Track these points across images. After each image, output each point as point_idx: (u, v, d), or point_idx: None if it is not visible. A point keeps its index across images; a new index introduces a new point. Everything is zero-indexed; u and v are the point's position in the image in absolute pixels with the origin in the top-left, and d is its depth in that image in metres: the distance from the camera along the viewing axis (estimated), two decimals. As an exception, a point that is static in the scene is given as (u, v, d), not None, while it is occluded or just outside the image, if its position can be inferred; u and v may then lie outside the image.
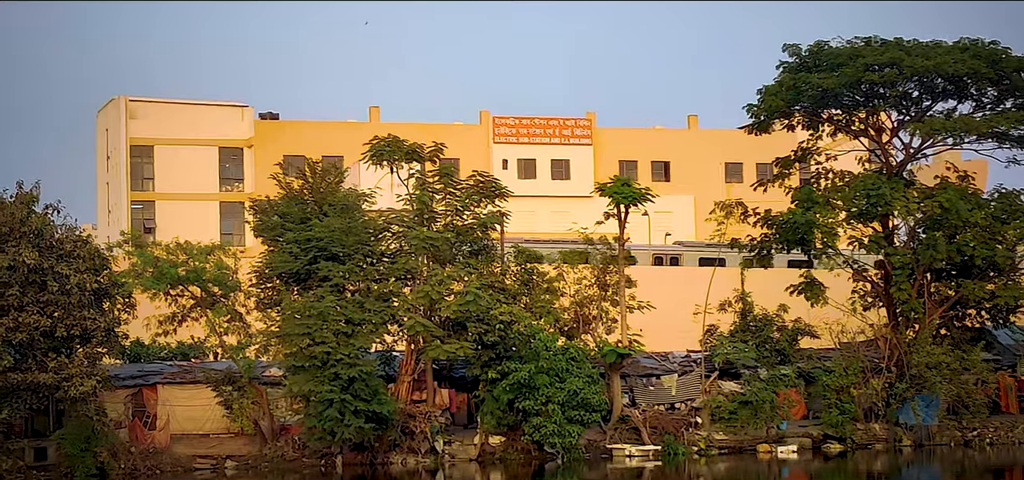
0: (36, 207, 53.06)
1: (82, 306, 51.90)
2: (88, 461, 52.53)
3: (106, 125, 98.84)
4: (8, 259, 50.47)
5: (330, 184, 58.51)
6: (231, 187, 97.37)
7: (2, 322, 50.43)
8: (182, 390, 57.76)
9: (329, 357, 52.60)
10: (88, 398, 51.53)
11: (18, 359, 51.44)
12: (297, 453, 55.64)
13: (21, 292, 50.80)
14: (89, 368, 51.80)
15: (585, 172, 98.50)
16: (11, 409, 51.37)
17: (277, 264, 56.17)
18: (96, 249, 54.51)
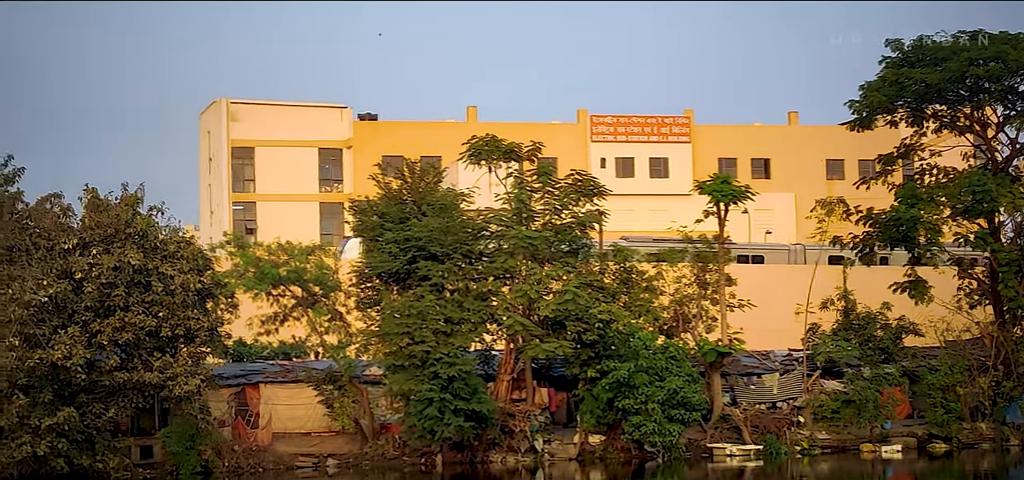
0: (141, 209, 53.92)
1: (186, 306, 52.54)
2: (193, 459, 53.23)
3: (208, 127, 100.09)
4: (114, 260, 51.26)
5: (429, 184, 58.71)
6: (331, 188, 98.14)
7: (108, 322, 51.22)
8: (284, 389, 58.28)
9: (429, 356, 52.79)
10: (192, 397, 52.20)
11: (124, 359, 52.24)
12: (397, 451, 55.90)
13: (127, 292, 51.56)
14: (193, 367, 52.43)
15: (684, 170, 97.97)
16: (118, 408, 52.19)
17: (376, 264, 56.46)
18: (199, 250, 55.18)
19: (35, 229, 52.33)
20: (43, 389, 49.82)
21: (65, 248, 51.68)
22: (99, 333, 51.16)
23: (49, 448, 49.58)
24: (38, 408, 49.62)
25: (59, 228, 52.44)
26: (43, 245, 51.71)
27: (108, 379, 51.58)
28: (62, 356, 49.41)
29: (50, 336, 49.94)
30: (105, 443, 52.38)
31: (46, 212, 53.06)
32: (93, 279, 51.15)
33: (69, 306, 50.95)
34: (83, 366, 50.12)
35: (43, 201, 53.56)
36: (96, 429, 51.74)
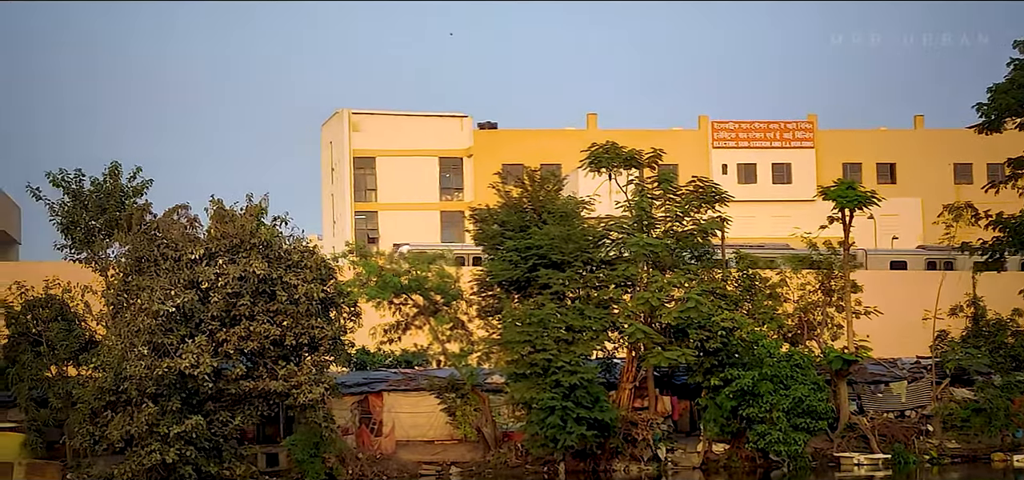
0: (265, 219, 54.52)
1: (310, 315, 52.98)
2: (317, 467, 53.65)
3: (330, 138, 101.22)
4: (239, 270, 51.87)
5: (549, 192, 58.66)
6: (451, 196, 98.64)
7: (234, 331, 51.85)
8: (406, 397, 58.56)
9: (550, 364, 52.70)
10: (317, 405, 52.57)
11: (250, 367, 52.84)
12: (520, 460, 55.86)
13: (252, 302, 52.15)
14: (317, 376, 52.79)
15: (807, 176, 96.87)
16: (244, 416, 52.79)
17: (497, 272, 56.53)
18: (322, 259, 55.64)
19: (163, 240, 53.16)
20: (172, 397, 50.58)
21: (192, 258, 52.42)
22: (225, 342, 51.81)
23: (178, 456, 50.30)
24: (167, 416, 50.39)
25: (186, 239, 53.19)
26: (171, 256, 52.51)
27: (234, 387, 52.19)
28: (190, 365, 50.09)
29: (178, 345, 50.67)
30: (232, 451, 53.00)
31: (174, 223, 53.88)
32: (219, 289, 51.81)
33: (196, 315, 51.67)
34: (210, 375, 50.77)
35: (170, 212, 54.39)
36: (223, 437, 52.37)
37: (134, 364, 49.91)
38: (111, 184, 55.86)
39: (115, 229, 55.08)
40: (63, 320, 54.60)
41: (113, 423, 50.96)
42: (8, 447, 54.14)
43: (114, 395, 51.22)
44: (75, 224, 55.75)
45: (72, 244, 56.23)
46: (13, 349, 54.90)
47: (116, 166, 56.16)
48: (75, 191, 55.82)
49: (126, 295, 52.69)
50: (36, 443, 53.98)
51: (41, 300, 55.06)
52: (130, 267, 53.22)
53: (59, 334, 53.97)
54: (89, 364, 53.63)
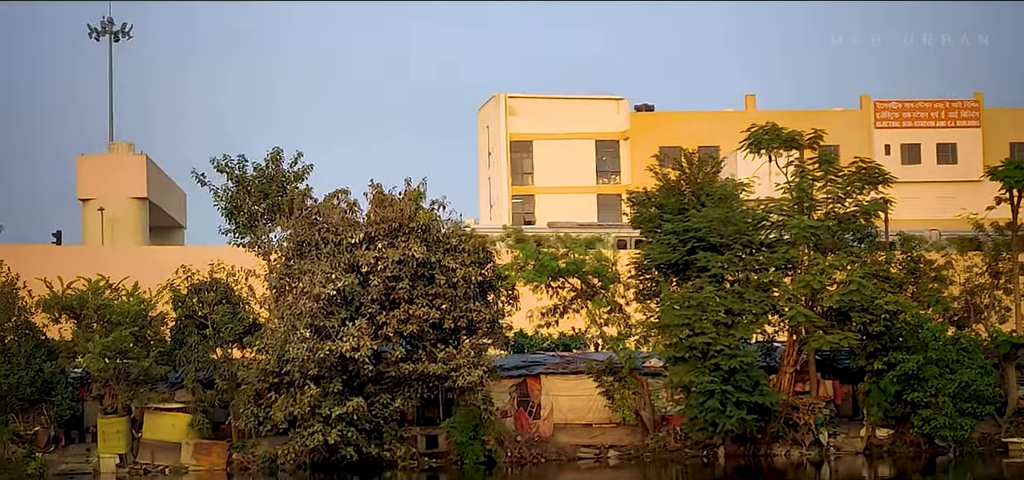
0: (423, 203, 54.94)
1: (468, 298, 53.30)
2: (476, 449, 53.99)
3: (487, 122, 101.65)
4: (398, 253, 52.35)
5: (707, 174, 58.10)
6: (608, 179, 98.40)
7: (393, 314, 52.36)
8: (564, 380, 58.52)
9: (709, 348, 52.23)
10: (475, 388, 52.96)
11: (409, 350, 53.34)
12: (679, 444, 55.49)
13: (411, 285, 52.60)
14: (476, 359, 53.11)
15: (973, 155, 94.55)
16: (404, 398, 53.34)
17: (655, 255, 56.18)
18: (480, 243, 55.86)
19: (324, 224, 53.90)
20: (333, 379, 51.30)
21: (352, 242, 53.02)
22: (385, 325, 52.35)
23: (339, 437, 51.06)
24: (328, 398, 51.14)
25: (346, 223, 53.82)
26: (331, 240, 53.19)
27: (394, 370, 52.74)
28: (351, 347, 50.76)
29: (339, 328, 51.36)
30: (392, 432, 53.65)
31: (334, 208, 54.58)
32: (379, 272, 52.34)
33: (356, 299, 52.28)
34: (370, 357, 51.37)
35: (331, 197, 55.11)
36: (383, 419, 53.01)
37: (296, 346, 50.74)
38: (273, 169, 56.77)
39: (277, 214, 56.00)
40: (228, 303, 55.70)
41: (276, 404, 51.92)
42: (176, 427, 55.45)
43: (277, 377, 52.16)
44: (239, 209, 56.79)
45: (236, 229, 57.34)
46: (180, 331, 56.20)
47: (278, 152, 57.07)
48: (238, 177, 56.85)
49: (288, 279, 53.59)
50: (203, 423, 55.20)
51: (206, 284, 56.25)
52: (292, 251, 54.08)
53: (224, 317, 55.08)
54: (253, 346, 54.73)
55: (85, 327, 56.01)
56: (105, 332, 54.83)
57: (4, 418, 55.47)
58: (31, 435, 55.74)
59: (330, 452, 51.99)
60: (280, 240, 55.22)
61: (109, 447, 55.16)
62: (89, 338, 54.74)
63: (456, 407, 55.14)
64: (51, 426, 56.42)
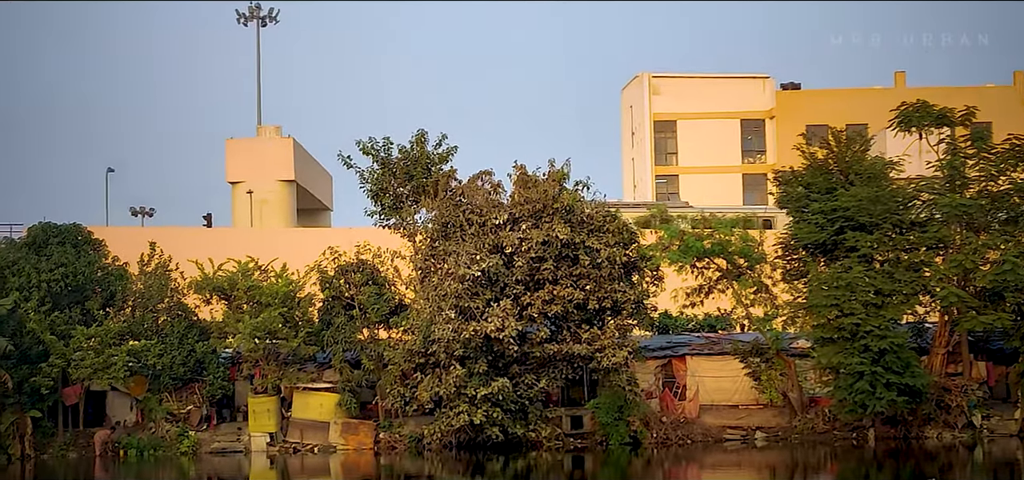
0: (567, 184, 54.88)
1: (612, 279, 53.19)
2: (621, 429, 53.91)
3: (630, 102, 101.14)
4: (542, 234, 52.38)
5: (855, 152, 57.07)
6: (753, 159, 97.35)
7: (538, 295, 52.44)
8: (710, 361, 58.14)
9: (858, 329, 51.39)
10: (620, 369, 52.86)
11: (553, 331, 53.40)
12: (827, 426, 54.78)
13: (555, 266, 52.64)
14: (620, 339, 53.04)
15: None
16: (548, 379, 53.46)
17: (802, 235, 55.41)
18: (624, 224, 55.67)
19: (468, 205, 54.17)
20: (478, 360, 51.57)
21: (496, 223, 53.18)
22: (529, 306, 52.46)
23: (485, 417, 51.36)
24: (474, 378, 51.43)
25: (490, 204, 54.01)
26: (476, 221, 53.41)
27: (539, 351, 52.85)
28: (495, 328, 50.98)
29: (483, 309, 51.59)
30: (537, 413, 53.80)
31: (478, 189, 54.79)
32: (523, 253, 52.44)
33: (501, 280, 52.44)
34: (515, 338, 51.55)
35: (475, 178, 55.33)
36: (528, 399, 53.17)
37: (442, 327, 51.09)
38: (418, 151, 57.11)
39: (422, 195, 56.37)
40: (374, 284, 56.27)
41: (422, 384, 52.37)
42: (325, 406, 56.21)
43: (423, 357, 52.59)
44: (384, 191, 57.26)
45: (381, 210, 57.83)
46: (327, 312, 56.92)
47: (422, 134, 57.41)
48: (384, 159, 57.29)
49: (433, 260, 53.99)
50: (350, 403, 55.86)
51: (353, 265, 56.89)
52: (437, 232, 54.43)
53: (370, 298, 55.65)
54: (399, 327, 55.22)
55: (235, 308, 57.04)
56: (255, 313, 55.77)
57: (158, 397, 56.77)
58: (184, 414, 56.98)
59: (476, 432, 52.35)
60: (425, 221, 55.60)
61: (260, 426, 56.15)
62: (239, 319, 55.73)
63: (601, 388, 55.12)
64: (203, 405, 57.62)
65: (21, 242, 59.63)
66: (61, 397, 55.88)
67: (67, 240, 58.12)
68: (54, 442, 55.77)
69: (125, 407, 57.58)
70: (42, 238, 58.22)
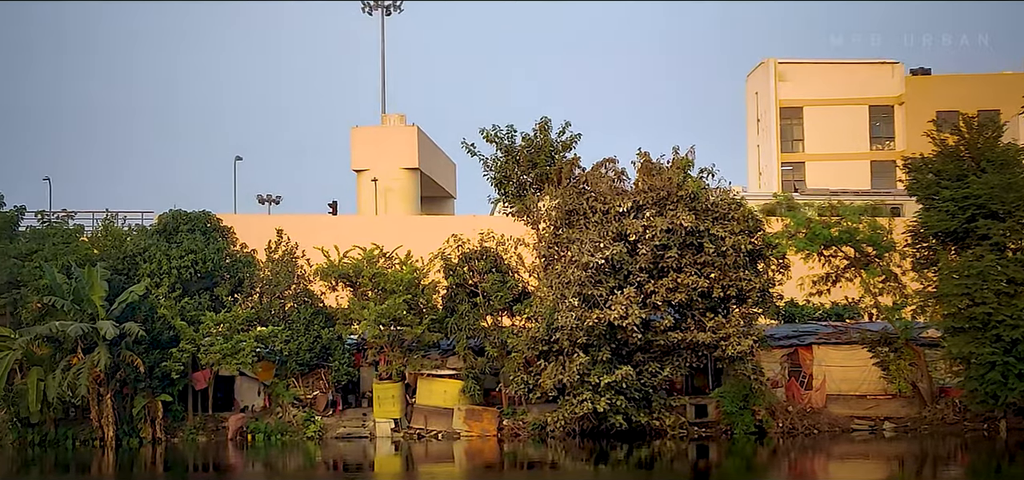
0: (691, 171, 54.54)
1: (737, 267, 52.76)
2: (747, 419, 53.48)
3: (755, 88, 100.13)
4: (667, 222, 52.10)
5: (987, 139, 55.80)
6: (882, 146, 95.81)
7: (662, 283, 52.17)
8: (837, 350, 57.41)
9: (990, 318, 50.38)
10: (745, 357, 52.48)
11: (677, 319, 53.12)
12: (957, 416, 53.86)
13: (679, 254, 52.33)
14: (745, 328, 52.61)
15: None
16: (672, 367, 53.19)
17: (933, 223, 54.38)
18: (750, 211, 55.16)
19: (592, 193, 54.06)
20: (601, 348, 51.46)
21: (620, 211, 53.02)
22: (653, 294, 52.22)
23: (608, 405, 51.25)
24: (597, 366, 51.33)
25: (614, 192, 53.87)
26: (599, 208, 53.29)
27: (662, 339, 52.60)
28: (619, 316, 50.82)
29: (607, 296, 51.45)
30: (661, 401, 53.59)
31: (602, 176, 54.68)
32: (647, 241, 52.20)
33: (624, 267, 52.27)
34: (639, 326, 51.34)
35: (598, 166, 55.22)
36: (652, 387, 52.97)
37: (565, 315, 51.06)
38: (541, 139, 57.13)
39: (545, 183, 56.38)
40: (497, 271, 56.40)
41: (546, 372, 52.37)
42: (449, 393, 56.48)
43: (546, 345, 52.60)
44: (508, 179, 57.41)
45: (505, 198, 57.96)
46: (451, 299, 57.17)
47: (546, 121, 57.40)
48: (508, 147, 57.40)
49: (557, 247, 53.98)
50: (474, 390, 56.07)
51: (476, 252, 57.05)
52: (560, 220, 54.38)
53: (494, 285, 55.78)
54: (522, 314, 55.27)
55: (360, 295, 57.51)
56: (380, 300, 56.18)
57: (285, 382, 57.48)
58: (310, 399, 57.63)
59: (599, 420, 52.26)
60: (548, 209, 55.54)
61: (384, 411, 56.60)
62: (364, 305, 56.20)
63: (726, 377, 54.77)
64: (329, 390, 58.22)
65: (152, 229, 60.71)
66: (191, 382, 56.81)
67: (197, 227, 59.07)
68: (184, 426, 56.73)
69: (253, 392, 58.40)
70: (173, 225, 59.24)
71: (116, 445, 54.59)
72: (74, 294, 55.00)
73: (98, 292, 54.86)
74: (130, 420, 55.50)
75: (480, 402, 56.48)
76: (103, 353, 53.40)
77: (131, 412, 55.46)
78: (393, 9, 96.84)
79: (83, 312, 54.86)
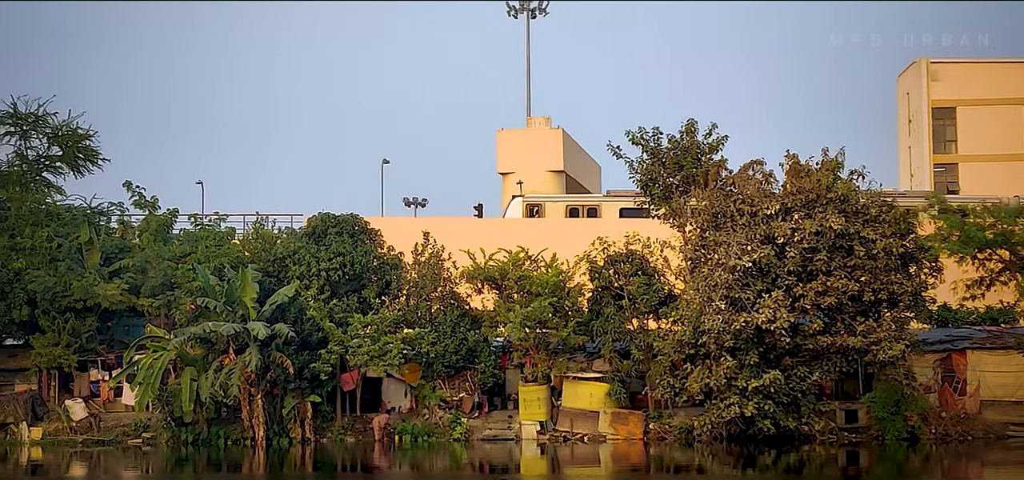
0: (841, 173, 53.78)
1: (888, 270, 51.93)
2: (898, 424, 52.58)
3: (907, 89, 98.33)
4: (815, 225, 51.42)
5: None
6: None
7: (810, 286, 51.48)
8: (991, 355, 56.13)
9: None
10: (897, 362, 51.68)
11: (827, 323, 52.38)
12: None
13: (828, 257, 51.61)
14: (897, 332, 51.74)
15: None
16: (822, 371, 52.46)
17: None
18: (901, 213, 54.20)
19: (739, 195, 53.55)
20: (749, 351, 50.98)
21: (768, 214, 52.45)
22: (801, 297, 51.55)
23: (756, 409, 50.77)
24: (745, 370, 50.87)
25: (761, 194, 53.30)
26: (746, 211, 52.77)
27: (811, 343, 51.92)
28: (766, 320, 50.30)
29: (754, 300, 50.95)
30: (810, 406, 52.84)
31: (749, 178, 54.15)
32: (795, 244, 51.60)
33: (772, 271, 51.72)
34: (787, 330, 50.75)
35: (746, 168, 54.69)
36: (801, 392, 52.27)
37: (711, 318, 50.68)
38: (688, 141, 56.75)
39: (692, 185, 55.98)
40: (643, 274, 56.14)
41: (692, 375, 52.04)
42: (594, 396, 56.36)
43: (693, 348, 52.27)
44: (653, 181, 57.15)
45: (650, 200, 57.73)
46: (597, 302, 57.06)
47: (692, 123, 57.00)
48: (653, 149, 57.12)
49: (703, 250, 53.56)
50: (619, 393, 55.89)
51: (622, 255, 56.86)
52: (707, 223, 53.94)
53: (640, 288, 55.55)
54: (668, 317, 54.94)
55: (506, 297, 57.67)
56: (525, 302, 56.28)
57: (432, 384, 57.86)
58: (457, 401, 57.95)
59: (746, 424, 51.75)
60: (695, 211, 55.13)
61: (530, 414, 56.69)
62: (510, 308, 56.33)
63: (876, 381, 53.93)
64: (475, 392, 58.46)
65: (301, 232, 61.57)
66: (339, 383, 57.49)
67: (345, 230, 59.76)
68: (333, 426, 57.40)
69: (400, 393, 58.90)
70: (321, 228, 60.00)
71: (267, 445, 55.44)
72: (226, 295, 56.01)
73: (249, 293, 55.80)
74: (280, 420, 56.33)
75: (626, 405, 56.28)
76: (254, 354, 54.28)
77: (281, 412, 56.29)
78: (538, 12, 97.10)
79: (235, 313, 55.84)
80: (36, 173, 65.17)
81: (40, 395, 59.94)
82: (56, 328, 58.75)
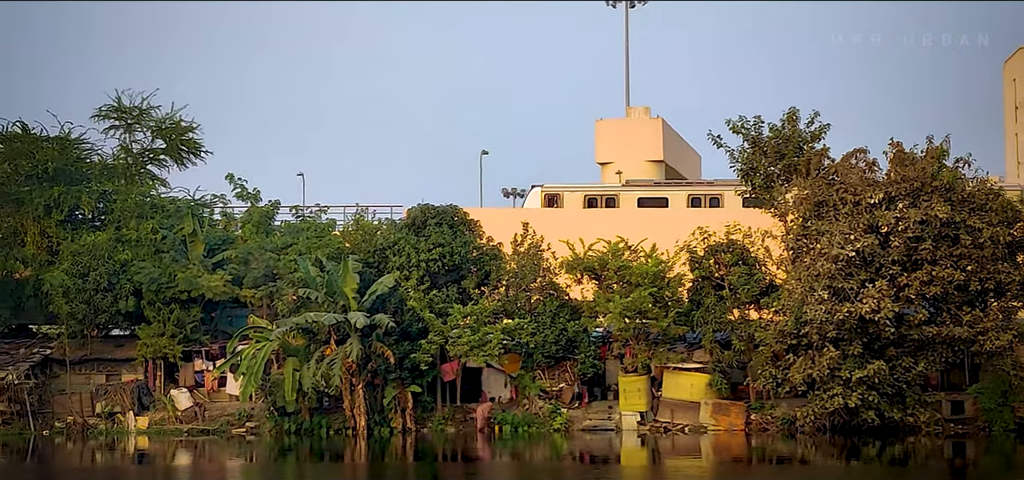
0: (946, 161, 53.04)
1: (995, 259, 51.22)
2: (1006, 416, 51.88)
3: (1013, 75, 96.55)
4: (920, 213, 50.80)
5: None
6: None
7: (915, 276, 50.86)
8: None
9: None
10: (1004, 352, 51.00)
11: (932, 313, 51.72)
12: None
13: (934, 246, 50.95)
14: (1004, 322, 51.08)
15: None
16: (927, 362, 51.82)
17: None
18: (1008, 202, 53.34)
19: (841, 184, 53.00)
20: (852, 342, 50.50)
21: (871, 203, 51.89)
22: (906, 287, 50.97)
23: (860, 400, 50.30)
24: (848, 360, 50.37)
25: (865, 183, 52.72)
26: (849, 200, 52.23)
27: (916, 333, 51.34)
28: (870, 309, 49.79)
29: (858, 290, 50.44)
30: (915, 397, 52.23)
31: (851, 167, 53.56)
32: (899, 233, 51.01)
33: (876, 260, 51.16)
34: (891, 320, 50.29)
35: (848, 156, 54.10)
36: (906, 383, 51.68)
37: (814, 308, 50.24)
38: (789, 130, 56.20)
39: (793, 174, 55.46)
40: (744, 264, 55.72)
41: (794, 366, 51.62)
42: (695, 386, 56.09)
43: (795, 338, 51.84)
44: (755, 170, 56.69)
45: (752, 189, 57.28)
46: (697, 292, 56.74)
47: (794, 112, 56.44)
48: (754, 138, 56.66)
49: (805, 239, 53.11)
50: (721, 383, 55.54)
51: (722, 245, 56.46)
52: (809, 212, 53.45)
53: (741, 278, 55.15)
54: (770, 307, 54.49)
55: (606, 287, 57.54)
56: (625, 292, 56.12)
57: (531, 374, 57.90)
58: (556, 391, 57.93)
59: (850, 415, 51.24)
60: (797, 201, 54.60)
61: (630, 405, 56.54)
62: (610, 298, 56.19)
63: (983, 372, 53.16)
64: (575, 383, 58.38)
65: (401, 223, 61.88)
66: (439, 373, 57.72)
67: (444, 221, 59.94)
68: (433, 416, 57.66)
69: (500, 383, 59.04)
70: (421, 219, 60.23)
71: (368, 434, 55.84)
72: (327, 286, 56.44)
73: (350, 284, 56.19)
74: (381, 410, 56.70)
75: (727, 396, 55.92)
76: (355, 344, 54.67)
77: (382, 402, 56.67)
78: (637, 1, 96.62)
79: (335, 304, 56.26)
80: (141, 166, 66.29)
81: (146, 385, 60.90)
82: (161, 319, 59.65)
